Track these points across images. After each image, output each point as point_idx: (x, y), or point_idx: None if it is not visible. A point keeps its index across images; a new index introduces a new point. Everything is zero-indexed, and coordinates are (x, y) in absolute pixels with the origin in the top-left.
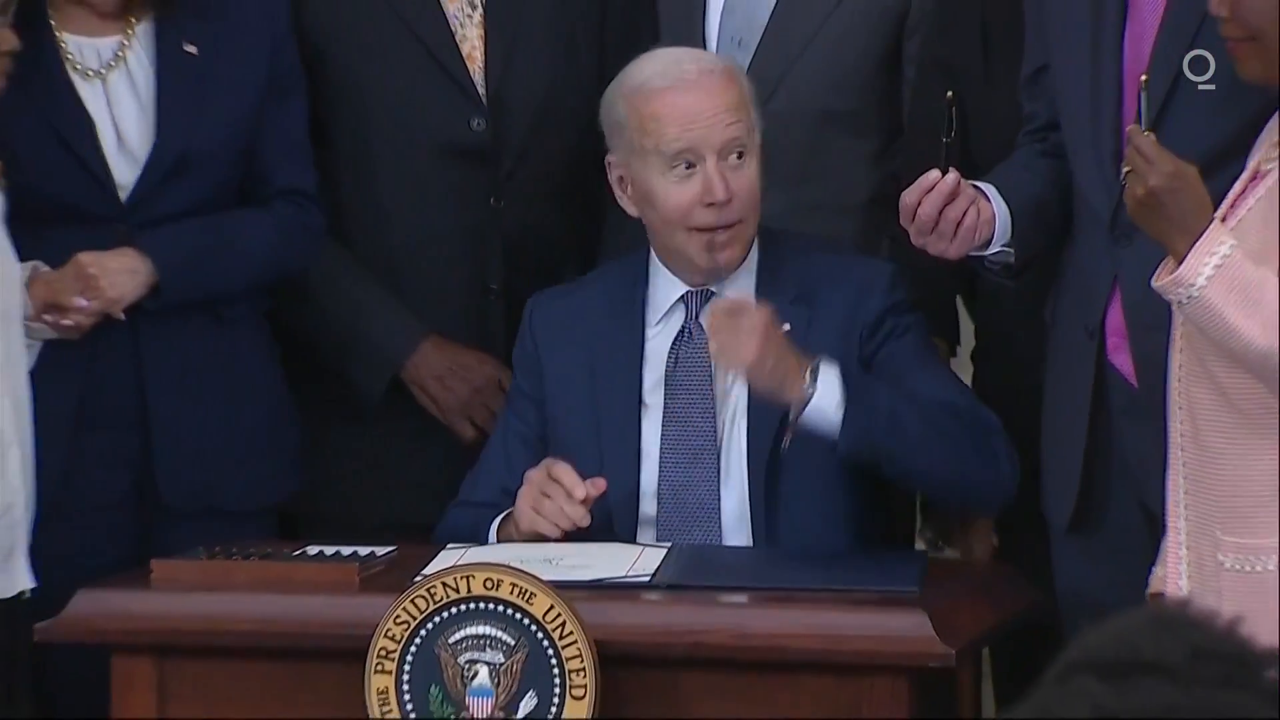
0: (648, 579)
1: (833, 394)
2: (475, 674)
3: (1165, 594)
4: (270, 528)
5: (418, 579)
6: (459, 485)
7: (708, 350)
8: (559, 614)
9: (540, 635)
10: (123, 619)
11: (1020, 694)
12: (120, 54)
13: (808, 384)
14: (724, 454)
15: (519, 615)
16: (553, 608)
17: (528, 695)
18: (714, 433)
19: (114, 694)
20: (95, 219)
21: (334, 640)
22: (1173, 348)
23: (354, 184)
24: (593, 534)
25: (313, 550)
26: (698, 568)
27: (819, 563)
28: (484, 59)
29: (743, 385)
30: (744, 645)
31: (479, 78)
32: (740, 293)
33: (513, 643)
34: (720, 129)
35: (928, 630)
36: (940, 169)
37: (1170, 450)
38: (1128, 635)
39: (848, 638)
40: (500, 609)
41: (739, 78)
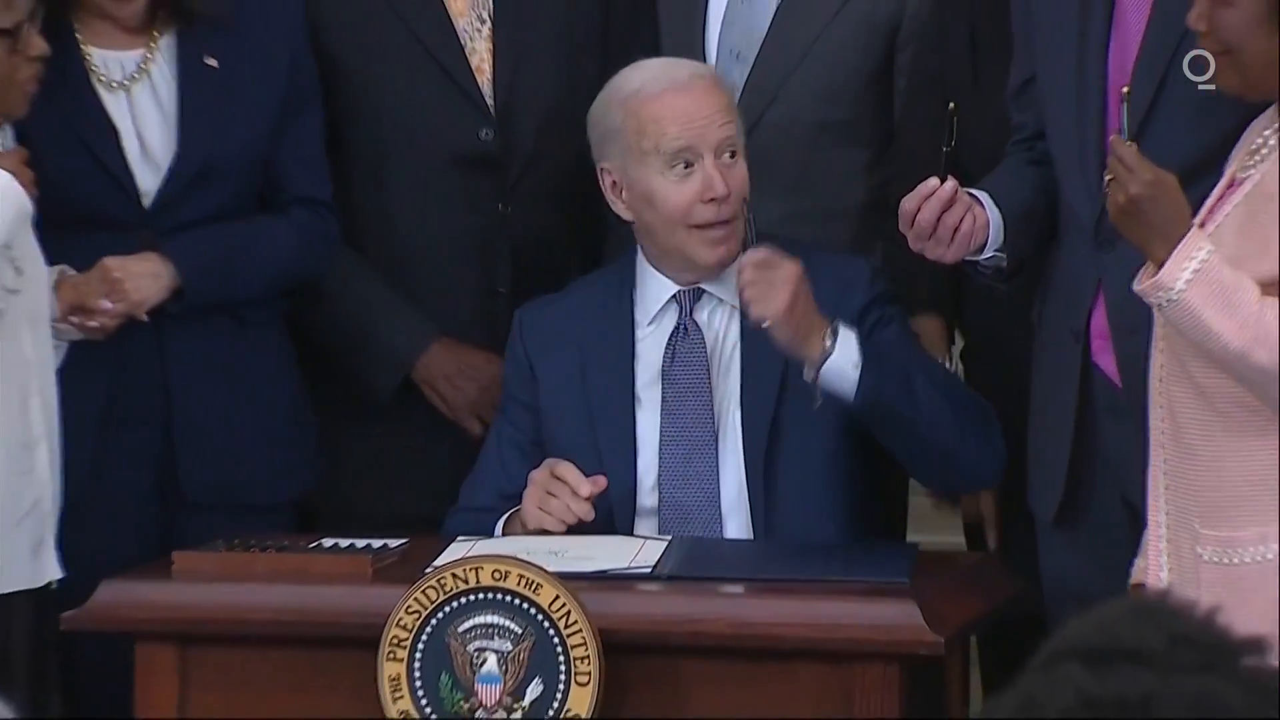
0: (649, 570)
1: (850, 353)
2: (484, 661)
3: (1146, 585)
4: (287, 521)
5: (428, 570)
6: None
7: (704, 346)
8: (564, 604)
9: (546, 624)
10: (146, 608)
11: (1007, 681)
12: (144, 66)
13: (828, 341)
14: (721, 445)
15: (526, 605)
16: (558, 598)
17: (534, 682)
18: (712, 425)
19: (137, 680)
20: (120, 225)
21: (348, 629)
22: (1153, 349)
23: (367, 191)
24: (593, 527)
25: (328, 543)
26: (697, 559)
27: (813, 555)
28: (492, 71)
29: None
30: (741, 634)
31: (487, 89)
32: (727, 291)
33: (520, 631)
34: (716, 128)
35: (918, 620)
36: (939, 177)
37: (1151, 447)
38: (1110, 624)
39: (841, 627)
40: (508, 599)
41: (723, 84)
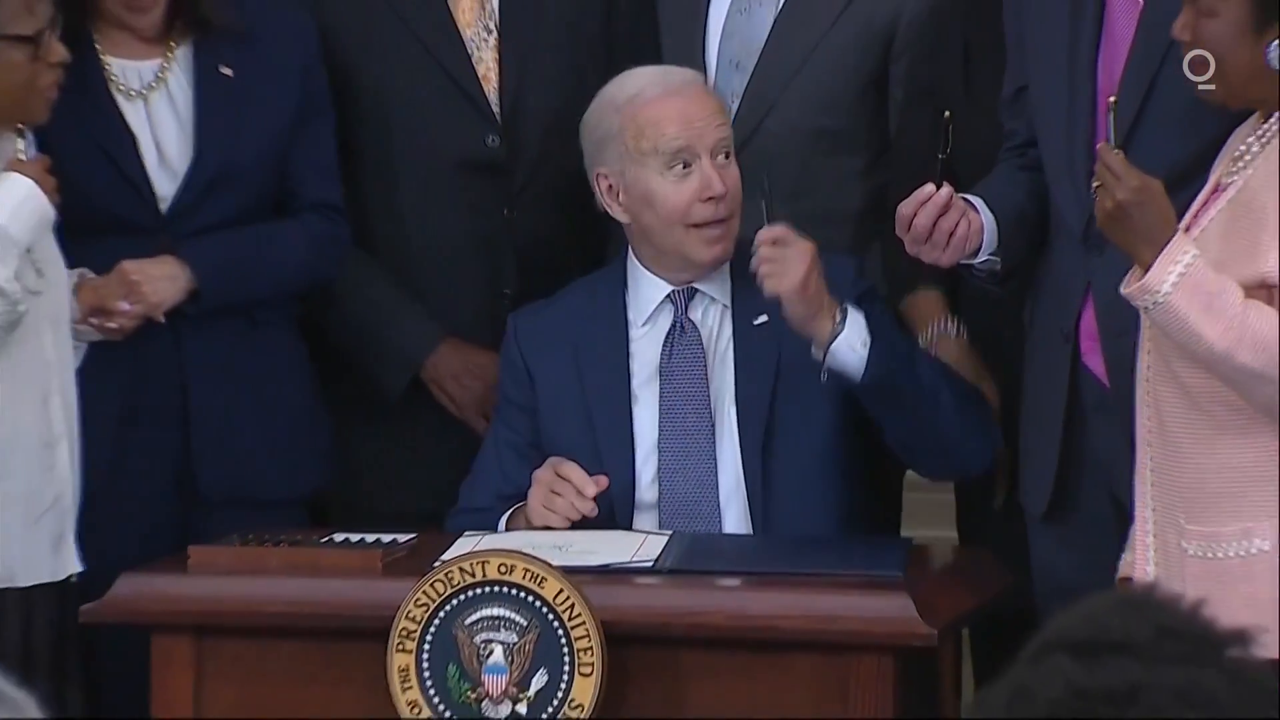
0: (650, 564)
1: (859, 332)
2: (490, 653)
3: (1133, 578)
4: (300, 517)
5: (437, 564)
6: None
7: (701, 344)
8: (568, 597)
9: (551, 616)
10: (162, 601)
11: (998, 672)
12: (161, 76)
13: (838, 319)
14: (718, 439)
15: (531, 598)
16: (562, 591)
17: (539, 673)
18: (709, 419)
19: (154, 671)
20: (138, 229)
21: (358, 621)
22: (1141, 350)
23: (377, 195)
24: (594, 521)
25: (339, 537)
26: (697, 554)
27: (810, 549)
28: (498, 80)
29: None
30: (740, 626)
31: (494, 98)
32: (719, 290)
33: (525, 624)
34: (712, 129)
35: (911, 612)
36: (935, 183)
37: (1138, 445)
38: (1098, 616)
39: (836, 619)
40: (513, 592)
41: (713, 90)
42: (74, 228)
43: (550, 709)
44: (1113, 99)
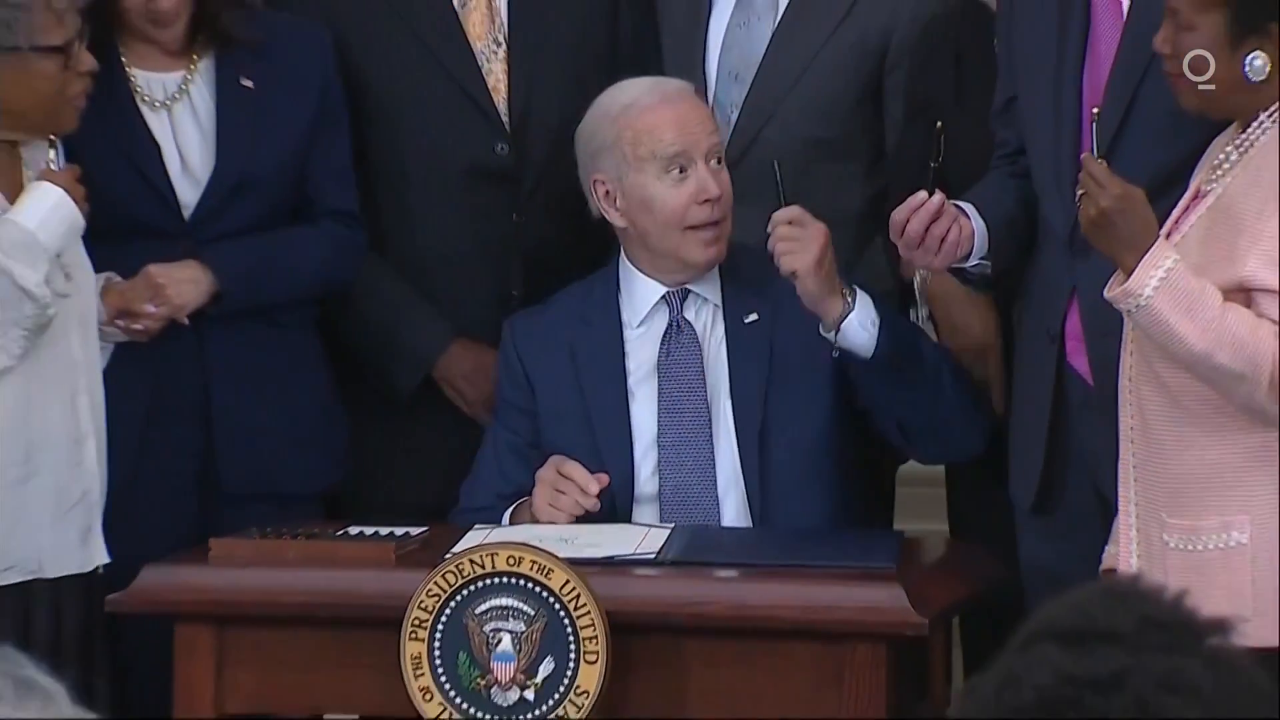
0: (653, 556)
1: (869, 312)
2: (499, 641)
3: (1117, 570)
4: (317, 511)
5: (448, 556)
6: None
7: (697, 342)
8: (574, 588)
9: (557, 606)
10: (185, 591)
11: (988, 660)
12: (184, 87)
13: (848, 299)
14: (715, 433)
15: (538, 589)
16: (568, 582)
17: (546, 660)
18: (706, 415)
19: (176, 658)
20: (162, 235)
21: (373, 611)
22: (1124, 351)
23: (390, 202)
24: (596, 514)
25: (354, 530)
26: (698, 546)
27: (806, 542)
28: (507, 90)
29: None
30: (739, 616)
31: (503, 107)
32: (710, 290)
33: (533, 613)
34: (706, 135)
35: (904, 602)
36: (927, 190)
37: (1121, 442)
38: (1084, 606)
39: (832, 609)
40: (521, 583)
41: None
42: (100, 233)
43: (556, 695)
44: (1096, 110)
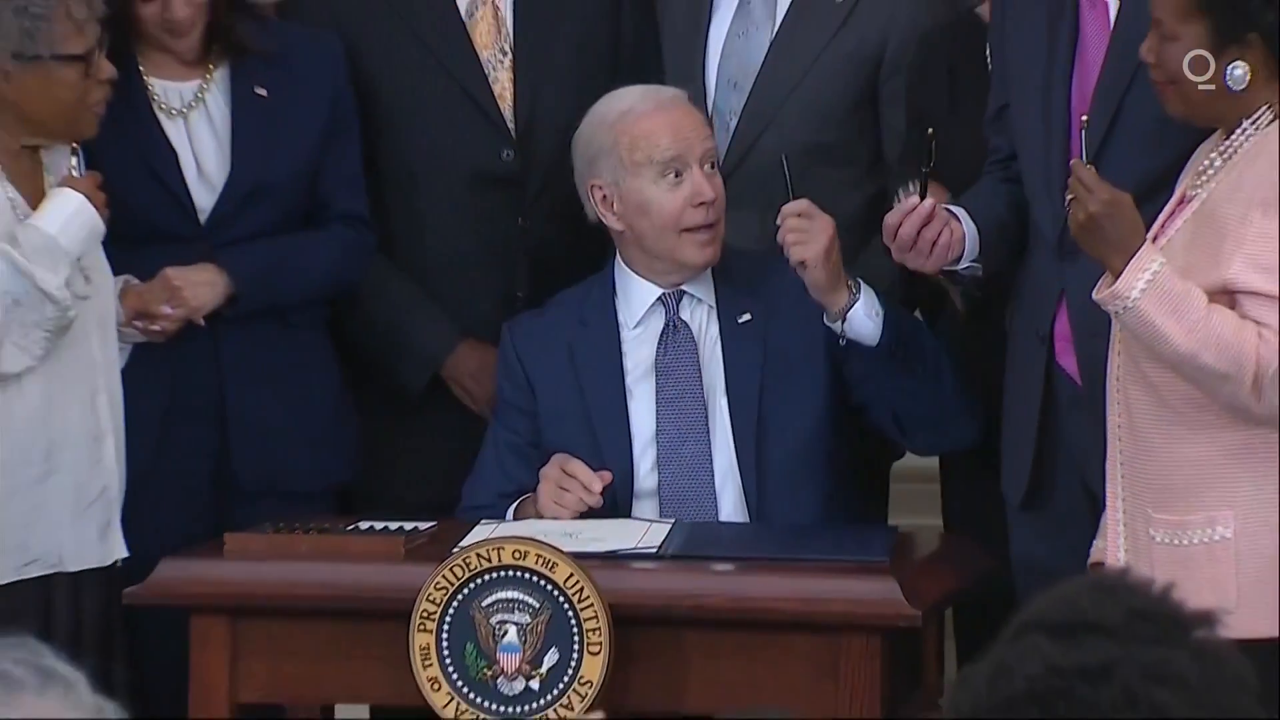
0: (654, 550)
1: (873, 302)
2: (505, 633)
3: (1105, 563)
4: (328, 506)
5: (455, 550)
6: None
7: (693, 341)
8: (578, 581)
9: (561, 599)
10: (200, 584)
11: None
12: (200, 96)
13: (853, 289)
14: (711, 429)
15: (543, 582)
16: (572, 575)
17: (550, 651)
18: (703, 411)
19: (192, 649)
20: (179, 239)
21: (383, 603)
22: (1111, 351)
23: (399, 206)
24: (598, 509)
25: (364, 525)
26: (697, 541)
27: (802, 536)
28: (513, 98)
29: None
30: (738, 608)
31: (509, 114)
32: (704, 291)
33: (538, 605)
34: (700, 141)
35: (897, 595)
36: (919, 195)
37: (1109, 439)
38: (1073, 599)
39: (828, 601)
40: (527, 576)
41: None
42: (119, 237)
43: (561, 685)
44: (1085, 118)
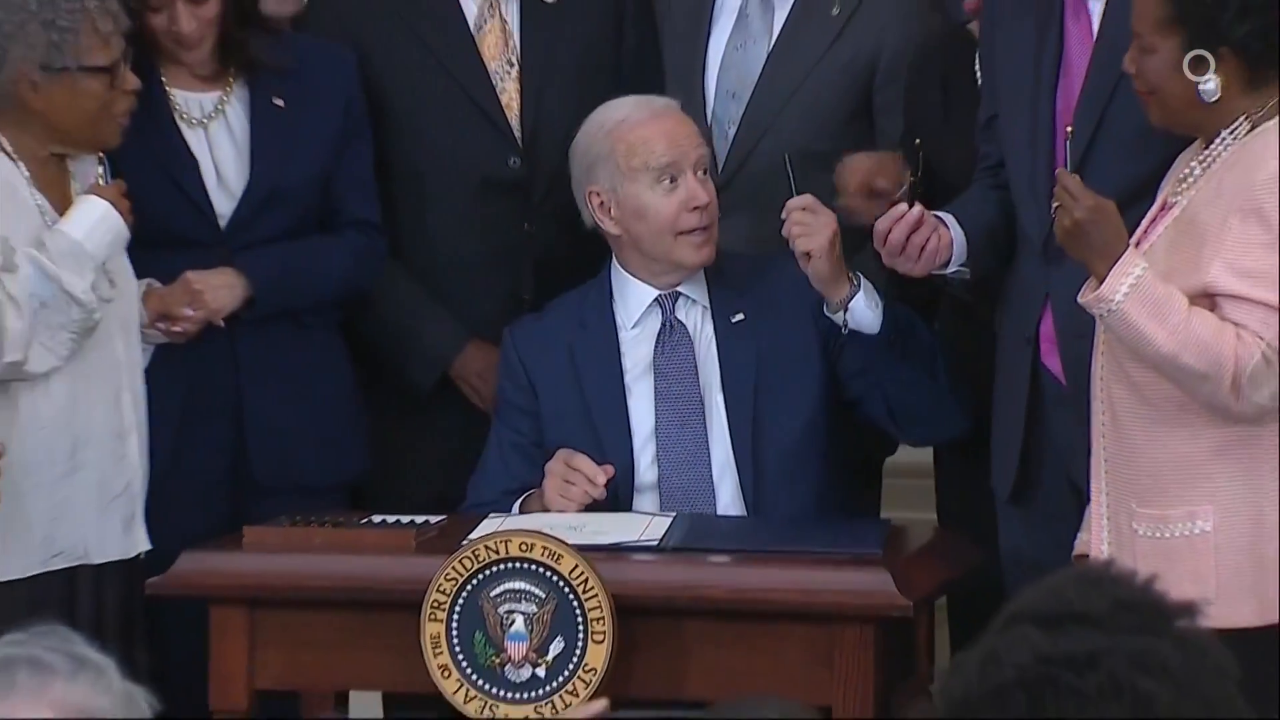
0: (656, 543)
1: (872, 294)
2: (513, 622)
3: (1089, 556)
4: (342, 501)
5: (464, 543)
6: None
7: (690, 340)
8: (583, 572)
9: (567, 590)
10: (219, 576)
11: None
12: (220, 106)
13: (854, 282)
14: (708, 424)
15: (549, 573)
16: (577, 567)
17: (556, 640)
18: (700, 408)
19: (212, 638)
20: (199, 244)
21: (394, 594)
22: (1095, 352)
23: (409, 212)
24: (600, 502)
25: (377, 519)
26: (697, 534)
27: (798, 529)
28: (519, 108)
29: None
30: (736, 599)
31: (515, 123)
32: (698, 292)
33: (544, 596)
34: (694, 148)
35: (890, 586)
36: (908, 203)
37: (1093, 436)
38: (1060, 590)
39: (823, 592)
40: (533, 568)
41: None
42: (141, 242)
43: (566, 673)
44: (1070, 128)
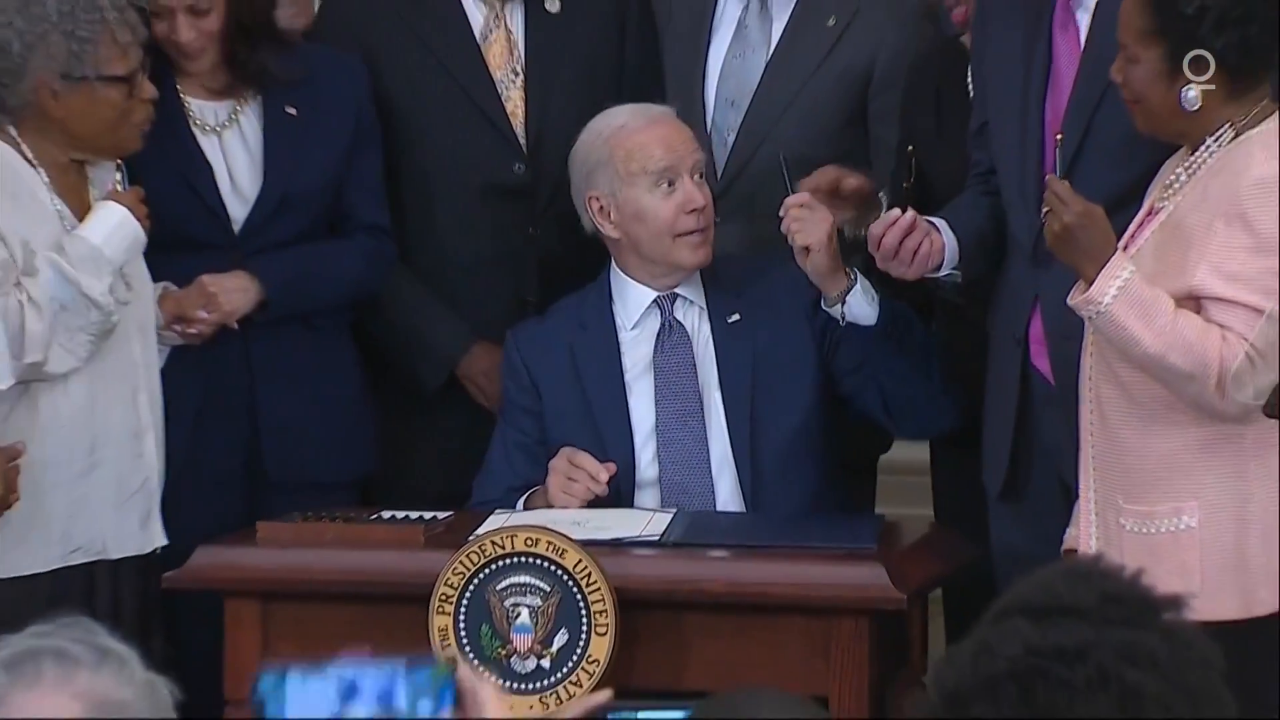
0: (657, 538)
1: (869, 288)
2: (518, 615)
3: (1078, 551)
4: (352, 497)
5: (471, 538)
6: None
7: (688, 340)
8: (586, 566)
9: (571, 583)
10: (234, 570)
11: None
12: (234, 114)
13: (851, 277)
14: (707, 422)
15: (554, 567)
16: (581, 561)
17: (560, 632)
18: (699, 406)
19: (226, 631)
20: (213, 248)
21: (403, 587)
22: (1084, 353)
23: (417, 217)
24: (602, 499)
25: (386, 515)
26: (697, 529)
27: (795, 525)
28: (524, 116)
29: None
30: (735, 592)
31: (520, 131)
32: (695, 293)
33: (548, 589)
34: (690, 152)
35: (884, 580)
36: (901, 208)
37: (1081, 435)
38: (1049, 584)
39: (819, 586)
40: (538, 562)
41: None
42: (158, 246)
43: (570, 664)
44: (1059, 135)
